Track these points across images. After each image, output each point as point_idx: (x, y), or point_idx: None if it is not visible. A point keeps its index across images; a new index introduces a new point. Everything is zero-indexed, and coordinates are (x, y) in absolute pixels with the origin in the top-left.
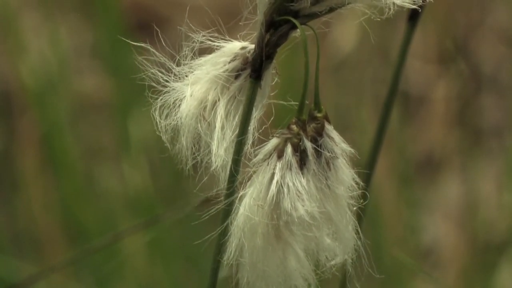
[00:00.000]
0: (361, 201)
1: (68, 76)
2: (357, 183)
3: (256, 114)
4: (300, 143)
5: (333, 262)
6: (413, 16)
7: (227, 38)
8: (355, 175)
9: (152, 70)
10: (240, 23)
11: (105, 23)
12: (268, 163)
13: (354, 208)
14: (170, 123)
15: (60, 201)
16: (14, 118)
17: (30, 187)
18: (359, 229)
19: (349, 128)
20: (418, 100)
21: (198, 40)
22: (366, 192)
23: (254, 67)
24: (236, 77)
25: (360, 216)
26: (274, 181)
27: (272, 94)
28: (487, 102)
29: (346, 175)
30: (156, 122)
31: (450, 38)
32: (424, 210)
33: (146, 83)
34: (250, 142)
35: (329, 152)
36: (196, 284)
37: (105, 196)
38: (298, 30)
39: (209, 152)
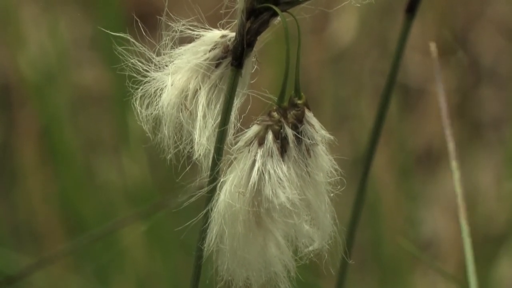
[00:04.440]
0: (339, 187)
1: (67, 68)
2: (336, 170)
3: (236, 102)
4: (281, 130)
5: (310, 248)
6: (411, 7)
7: (207, 26)
8: (334, 161)
9: (132, 60)
10: (221, 11)
11: (104, 14)
12: (249, 150)
13: (332, 195)
14: (152, 113)
15: (60, 193)
16: (14, 110)
17: (29, 179)
18: (335, 216)
19: (348, 120)
20: (418, 92)
21: (178, 29)
22: (365, 183)
23: (235, 55)
24: (217, 65)
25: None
26: (255, 168)
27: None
28: (486, 94)
29: (325, 162)
30: (138, 112)
31: (449, 30)
32: (423, 202)
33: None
34: (232, 131)
35: (309, 139)
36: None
37: (104, 188)
38: (279, 17)
39: (191, 141)
